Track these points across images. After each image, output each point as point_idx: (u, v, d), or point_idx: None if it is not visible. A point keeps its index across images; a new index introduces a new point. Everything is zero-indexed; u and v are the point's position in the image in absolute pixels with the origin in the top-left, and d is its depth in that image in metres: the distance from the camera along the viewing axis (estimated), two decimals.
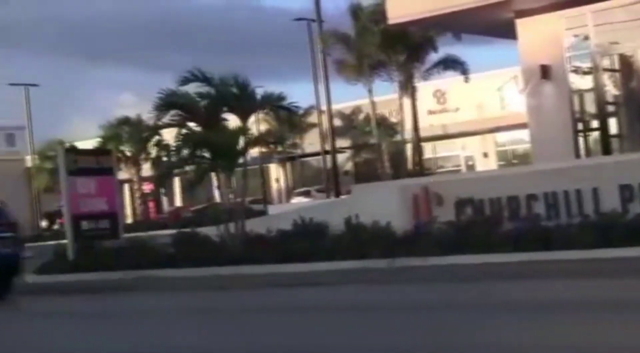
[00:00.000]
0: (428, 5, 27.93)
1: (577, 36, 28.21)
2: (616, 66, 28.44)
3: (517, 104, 40.54)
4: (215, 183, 28.80)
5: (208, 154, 22.90)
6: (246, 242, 21.53)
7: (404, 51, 48.85)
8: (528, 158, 40.70)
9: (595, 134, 28.40)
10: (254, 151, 35.16)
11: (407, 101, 50.97)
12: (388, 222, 19.87)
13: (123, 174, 54.78)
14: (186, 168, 25.53)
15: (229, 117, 23.58)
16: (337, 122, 56.20)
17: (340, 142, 55.48)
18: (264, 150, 45.92)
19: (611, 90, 28.46)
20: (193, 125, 23.29)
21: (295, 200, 57.01)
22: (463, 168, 59.42)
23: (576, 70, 28.42)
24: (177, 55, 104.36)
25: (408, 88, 50.42)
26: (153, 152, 55.54)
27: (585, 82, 28.33)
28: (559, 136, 27.50)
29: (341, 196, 46.11)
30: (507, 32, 29.06)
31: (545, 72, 28.06)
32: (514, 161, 55.97)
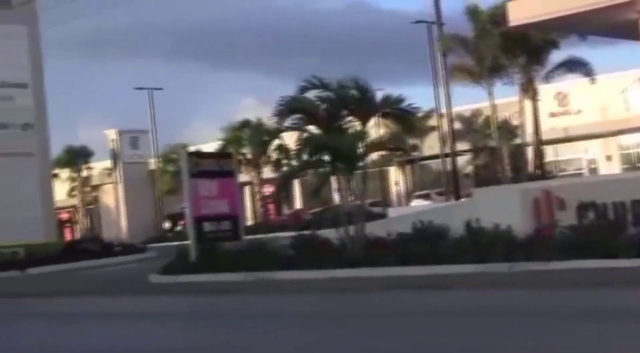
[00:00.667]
0: (550, 7, 27.55)
1: None
2: None
3: None
4: (334, 186, 28.92)
5: (328, 157, 22.97)
6: (366, 245, 21.56)
7: (525, 53, 48.26)
8: None
9: None
10: (374, 154, 35.19)
11: (528, 103, 50.35)
12: (509, 226, 19.68)
13: (243, 177, 55.44)
14: (307, 171, 25.69)
15: (349, 120, 23.62)
16: (457, 125, 55.90)
17: (460, 145, 55.14)
18: (384, 153, 45.93)
19: None
20: (313, 128, 23.42)
21: (414, 202, 56.82)
22: (585, 171, 58.42)
23: None
24: (297, 59, 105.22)
25: (529, 90, 49.79)
26: (274, 155, 56.10)
27: None
28: None
29: (461, 199, 45.77)
30: (631, 33, 28.46)
31: None
32: (639, 164, 54.78)
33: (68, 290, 25.07)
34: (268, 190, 63.06)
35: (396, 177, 64.18)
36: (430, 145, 59.20)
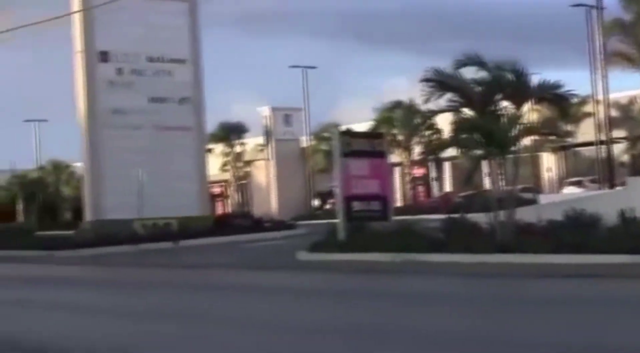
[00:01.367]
0: None
1: None
2: None
3: None
4: (486, 170, 28.61)
5: (481, 141, 22.71)
6: (516, 231, 21.27)
7: None
8: None
9: None
10: (527, 139, 34.64)
11: None
12: None
13: (394, 158, 55.37)
14: (458, 153, 25.49)
15: (504, 104, 23.29)
16: (613, 112, 54.54)
17: (616, 133, 53.80)
18: (537, 138, 45.17)
19: None
20: (467, 110, 23.18)
21: (566, 189, 55.75)
22: None
23: None
24: (449, 42, 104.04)
25: None
26: (425, 137, 55.84)
27: None
28: None
29: (615, 188, 44.68)
30: None
31: None
32: None
33: (217, 262, 25.56)
34: (418, 172, 62.85)
35: (548, 163, 63.04)
36: (584, 131, 57.91)
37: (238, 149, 66.90)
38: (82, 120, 38.75)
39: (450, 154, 28.97)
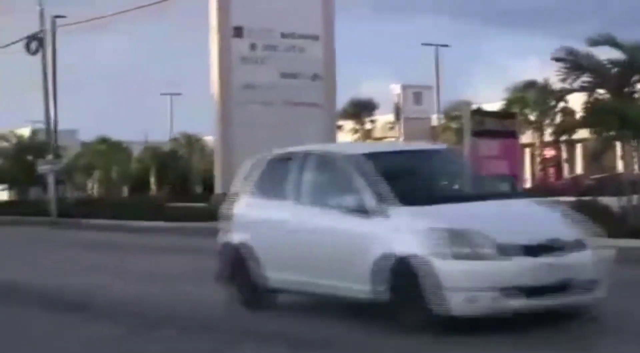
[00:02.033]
0: None
1: None
2: None
3: None
4: (619, 152, 28.03)
5: (614, 123, 22.26)
6: None
7: None
8: None
9: None
10: None
11: None
12: None
13: (525, 138, 54.63)
14: (590, 135, 25.04)
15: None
16: None
17: None
18: None
19: None
20: (601, 91, 22.75)
21: None
22: None
23: None
24: (582, 23, 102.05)
25: None
26: (557, 118, 54.94)
27: None
28: None
29: None
30: None
31: None
32: None
33: None
34: (549, 153, 61.93)
35: None
36: None
37: (368, 126, 66.96)
38: (215, 94, 39.33)
39: (582, 136, 28.46)
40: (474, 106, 49.20)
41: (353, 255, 10.41)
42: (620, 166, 32.90)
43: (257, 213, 12.05)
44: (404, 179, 11.11)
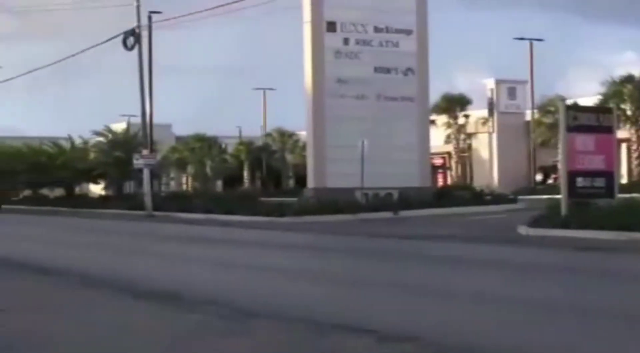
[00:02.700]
0: None
1: None
2: None
3: None
4: None
5: None
6: None
7: None
8: None
9: None
10: None
11: None
12: None
13: (622, 133, 53.76)
14: None
15: None
16: None
17: None
18: None
19: None
20: None
21: None
22: None
23: None
24: None
25: None
26: None
27: None
28: None
29: None
30: None
31: None
32: None
33: (437, 234, 25.62)
34: None
35: None
36: None
37: (461, 121, 66.53)
38: (308, 89, 39.47)
39: None
40: (569, 101, 48.77)
41: None
42: None
43: None
44: None
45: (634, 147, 60.20)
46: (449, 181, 67.79)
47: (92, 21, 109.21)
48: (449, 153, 68.10)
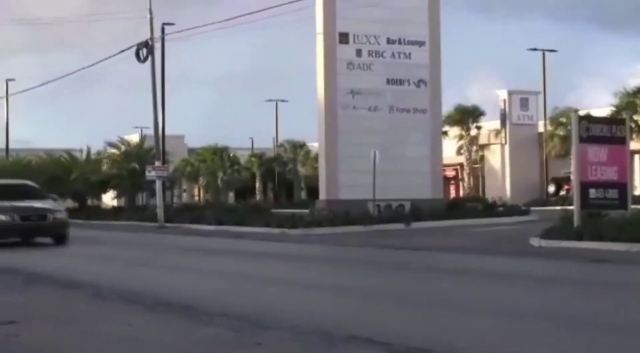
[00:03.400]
0: None
1: None
2: None
3: None
4: None
5: None
6: None
7: None
8: None
9: None
10: None
11: None
12: None
13: (635, 145, 53.65)
14: None
15: None
16: None
17: None
18: None
19: None
20: None
21: None
22: None
23: None
24: None
25: None
26: None
27: None
28: None
29: None
30: None
31: None
32: None
33: (449, 246, 25.56)
34: None
35: None
36: None
37: (473, 133, 66.44)
38: (321, 100, 39.47)
39: None
40: (582, 112, 48.63)
41: None
42: None
43: None
44: None
45: None
46: (461, 193, 67.68)
47: (106, 33, 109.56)
48: (461, 164, 67.99)
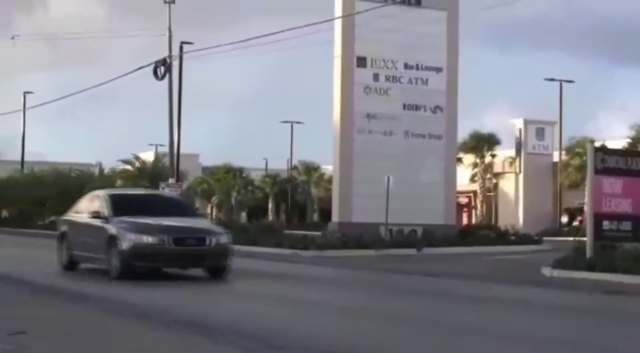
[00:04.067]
0: None
1: None
2: None
3: None
4: None
5: None
6: None
7: None
8: None
9: None
10: None
11: None
12: None
13: None
14: None
15: None
16: None
17: None
18: None
19: None
20: None
21: None
22: None
23: None
24: None
25: None
26: None
27: None
28: None
29: None
30: None
31: None
32: None
33: (460, 272, 25.54)
34: None
35: None
36: None
37: (487, 160, 66.39)
38: (337, 123, 39.52)
39: None
40: (597, 143, 48.63)
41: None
42: None
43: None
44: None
45: None
46: (474, 220, 67.59)
47: (124, 50, 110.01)
48: (475, 192, 67.93)
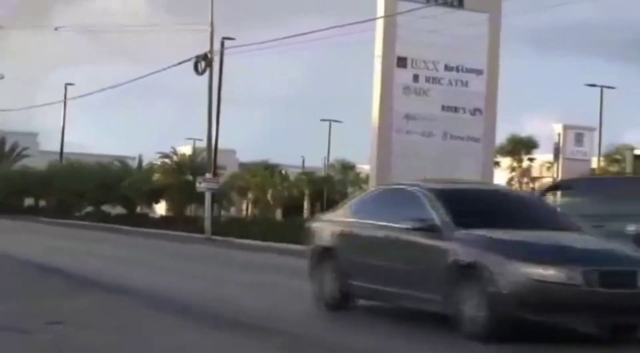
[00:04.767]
0: None
1: None
2: None
3: None
4: None
5: None
6: None
7: None
8: None
9: None
10: None
11: None
12: None
13: None
14: None
15: None
16: None
17: None
18: None
19: None
20: None
21: None
22: None
23: None
24: None
25: None
26: None
27: None
28: None
29: None
30: None
31: None
32: None
33: None
34: None
35: None
36: None
37: (525, 164, 66.11)
38: (375, 123, 39.43)
39: None
40: (637, 151, 48.27)
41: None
42: None
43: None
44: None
45: None
46: None
47: (165, 45, 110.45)
48: None
